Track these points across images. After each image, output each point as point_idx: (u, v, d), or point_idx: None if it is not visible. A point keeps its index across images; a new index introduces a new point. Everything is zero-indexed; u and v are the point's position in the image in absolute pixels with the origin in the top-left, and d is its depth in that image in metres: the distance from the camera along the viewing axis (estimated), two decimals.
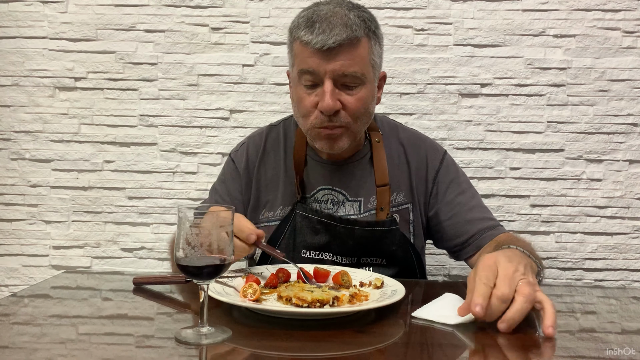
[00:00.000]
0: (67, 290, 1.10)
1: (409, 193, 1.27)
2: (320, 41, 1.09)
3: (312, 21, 1.12)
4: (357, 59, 1.12)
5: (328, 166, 1.27)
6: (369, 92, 1.16)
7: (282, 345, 0.79)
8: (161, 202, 1.84)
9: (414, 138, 1.33)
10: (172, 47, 1.81)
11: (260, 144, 1.33)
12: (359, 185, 1.26)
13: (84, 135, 1.84)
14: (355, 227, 1.20)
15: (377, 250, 1.22)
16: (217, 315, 0.90)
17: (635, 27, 1.74)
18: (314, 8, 1.15)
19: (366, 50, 1.14)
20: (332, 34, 1.09)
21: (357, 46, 1.12)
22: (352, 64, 1.12)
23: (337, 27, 1.10)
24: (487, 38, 1.77)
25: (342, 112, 1.14)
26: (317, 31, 1.10)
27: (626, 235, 1.77)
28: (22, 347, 0.77)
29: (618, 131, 1.76)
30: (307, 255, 1.23)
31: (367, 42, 1.14)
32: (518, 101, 1.77)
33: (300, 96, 1.16)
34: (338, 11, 1.12)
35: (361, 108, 1.15)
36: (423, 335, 0.86)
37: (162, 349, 0.78)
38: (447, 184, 1.28)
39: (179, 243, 0.80)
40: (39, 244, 1.86)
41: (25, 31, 1.82)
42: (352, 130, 1.17)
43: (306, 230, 1.22)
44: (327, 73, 1.11)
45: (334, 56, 1.10)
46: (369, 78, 1.16)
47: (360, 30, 1.12)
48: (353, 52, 1.12)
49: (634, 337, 0.87)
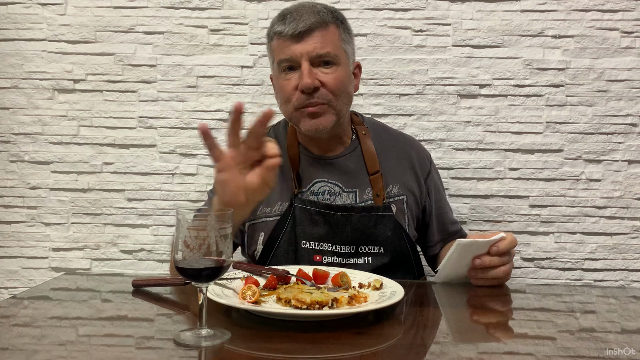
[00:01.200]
0: (67, 292, 1.10)
1: (404, 186, 1.33)
2: (292, 27, 1.20)
3: (283, 14, 1.24)
4: (328, 41, 1.22)
5: (321, 161, 1.32)
6: (345, 73, 1.25)
7: (281, 347, 0.79)
8: (160, 203, 1.84)
9: (404, 137, 1.44)
10: (171, 48, 1.81)
11: None
12: (353, 177, 1.32)
13: (83, 137, 1.84)
14: (352, 214, 1.25)
15: (374, 237, 1.26)
16: (216, 317, 0.90)
17: (634, 28, 1.74)
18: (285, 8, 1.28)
19: (336, 36, 1.24)
20: (302, 20, 1.20)
21: (327, 29, 1.23)
22: (324, 45, 1.21)
23: (306, 14, 1.22)
24: (486, 39, 1.77)
25: (322, 90, 1.22)
26: (288, 20, 1.21)
27: (625, 235, 1.77)
28: (22, 349, 0.77)
29: (617, 131, 1.76)
30: (306, 246, 1.25)
31: (335, 29, 1.25)
32: (517, 102, 1.77)
33: (282, 84, 1.25)
34: (306, 4, 1.26)
35: (339, 85, 1.23)
36: (422, 337, 0.87)
37: (162, 351, 0.79)
38: (434, 187, 1.40)
39: (178, 245, 0.80)
40: (38, 246, 1.86)
41: (24, 33, 1.82)
42: (334, 107, 1.24)
43: (305, 221, 1.26)
44: (302, 55, 1.20)
45: (306, 39, 1.20)
46: (342, 60, 1.25)
47: (327, 16, 1.23)
48: (324, 34, 1.22)
49: (634, 336, 0.88)
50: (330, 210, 1.25)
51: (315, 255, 1.25)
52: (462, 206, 1.78)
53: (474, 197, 1.79)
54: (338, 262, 1.24)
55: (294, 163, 1.31)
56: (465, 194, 1.79)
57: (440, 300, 1.09)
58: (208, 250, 0.79)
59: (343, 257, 1.25)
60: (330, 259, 1.25)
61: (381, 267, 1.25)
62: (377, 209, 1.27)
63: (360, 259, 1.26)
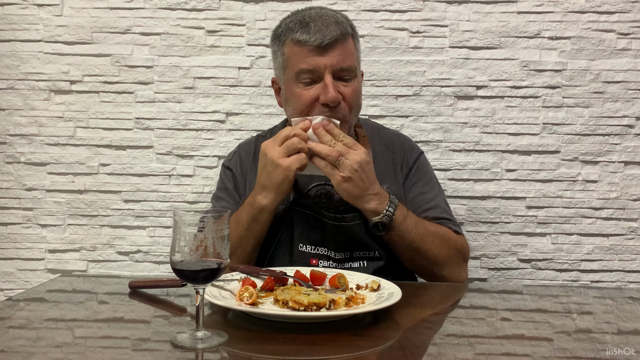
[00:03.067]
0: (63, 293, 1.09)
1: (393, 184, 1.33)
2: (318, 38, 1.17)
3: (306, 22, 1.19)
4: (349, 53, 1.22)
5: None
6: (359, 85, 1.27)
7: (278, 349, 0.79)
8: (157, 205, 1.83)
9: (396, 136, 1.44)
10: (167, 50, 1.81)
11: (250, 150, 1.39)
12: None
13: (79, 139, 1.83)
14: (342, 224, 1.25)
15: (367, 242, 1.26)
16: (214, 319, 0.90)
17: (630, 29, 1.75)
18: (302, 12, 1.24)
19: (353, 47, 1.25)
20: (328, 31, 1.17)
21: (349, 42, 1.22)
22: (346, 59, 1.21)
23: (332, 25, 1.19)
24: (483, 40, 1.77)
25: (342, 103, 1.21)
26: (312, 30, 1.18)
27: (622, 236, 1.78)
28: (18, 351, 0.77)
29: (613, 133, 1.76)
30: (303, 249, 1.26)
31: (352, 40, 1.25)
32: (513, 103, 1.78)
33: (299, 93, 1.22)
34: (326, 12, 1.23)
35: (356, 98, 1.25)
36: (419, 338, 0.87)
37: (158, 353, 0.78)
38: (414, 181, 1.36)
39: (175, 247, 0.80)
40: (34, 248, 1.85)
41: (20, 34, 1.81)
42: (347, 122, 1.25)
43: (303, 225, 1.26)
44: (326, 68, 1.18)
45: (331, 51, 1.18)
46: (358, 73, 1.26)
47: (347, 28, 1.22)
48: (346, 47, 1.21)
49: (630, 337, 0.88)
50: (323, 218, 1.26)
51: (312, 259, 1.25)
52: (459, 207, 1.78)
53: (471, 198, 1.79)
54: (334, 266, 1.24)
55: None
56: (462, 195, 1.79)
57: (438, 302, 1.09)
58: (205, 252, 0.79)
59: (338, 262, 1.25)
60: (326, 263, 1.25)
61: (377, 270, 1.24)
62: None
63: (356, 263, 1.26)
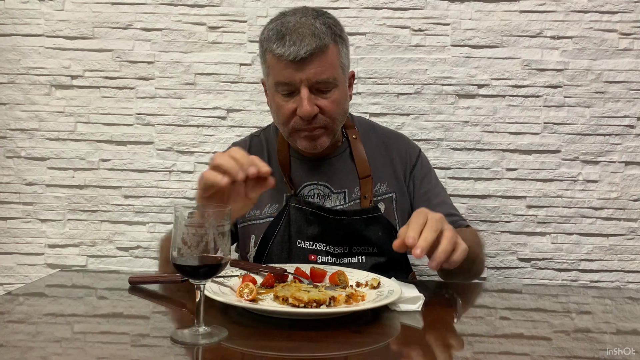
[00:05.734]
0: (63, 288, 1.09)
1: (393, 182, 1.33)
2: (292, 53, 1.15)
3: (282, 34, 1.17)
4: (327, 65, 1.19)
5: (311, 163, 1.33)
6: (341, 94, 1.24)
7: (278, 345, 0.79)
8: (157, 201, 1.83)
9: (393, 134, 1.43)
10: (169, 45, 1.80)
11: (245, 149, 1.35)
12: (342, 178, 1.32)
13: (80, 134, 1.83)
14: (343, 218, 1.25)
15: (366, 238, 1.27)
16: (214, 315, 0.90)
17: (632, 29, 1.74)
18: (281, 20, 1.21)
19: (335, 56, 1.20)
20: (302, 45, 1.15)
21: (327, 53, 1.18)
22: (324, 71, 1.18)
23: (307, 38, 1.16)
24: (485, 39, 1.77)
25: (320, 115, 1.21)
26: (287, 43, 1.16)
27: (622, 236, 1.78)
28: (16, 345, 0.77)
29: (614, 133, 1.76)
30: (302, 245, 1.26)
31: (334, 47, 1.20)
32: (515, 102, 1.78)
33: (279, 104, 1.23)
34: (305, 21, 1.18)
35: (337, 109, 1.23)
36: (419, 336, 0.87)
37: (158, 348, 0.78)
38: (420, 179, 1.36)
39: (176, 242, 0.80)
40: (34, 243, 1.85)
41: (21, 29, 1.81)
42: (330, 129, 1.24)
43: (301, 221, 1.26)
44: (302, 82, 1.17)
45: (306, 65, 1.16)
46: (340, 80, 1.22)
47: (327, 37, 1.18)
48: (323, 59, 1.18)
49: (629, 337, 0.88)
50: (322, 212, 1.26)
51: (310, 255, 1.25)
52: (459, 206, 1.77)
53: (471, 197, 1.79)
54: (332, 261, 1.25)
55: (285, 167, 1.31)
56: (463, 194, 1.79)
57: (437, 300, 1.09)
58: (206, 248, 0.79)
59: (337, 257, 1.26)
60: (324, 258, 1.25)
61: (376, 266, 1.25)
62: (367, 211, 1.27)
63: (355, 258, 1.27)
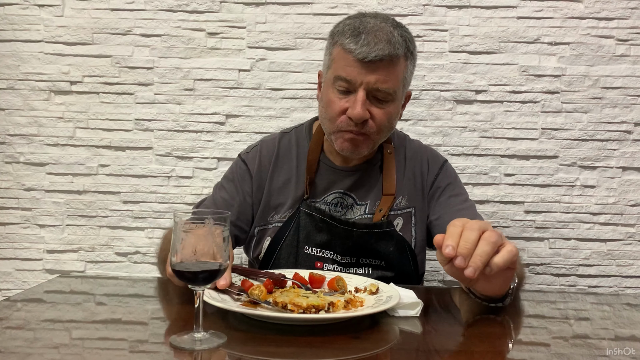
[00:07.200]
0: (61, 294, 1.09)
1: (413, 196, 1.30)
2: (363, 52, 1.12)
3: (359, 31, 1.15)
4: (393, 76, 1.16)
5: (340, 172, 1.30)
6: (395, 109, 1.21)
7: (277, 351, 0.79)
8: (156, 206, 1.83)
9: (418, 147, 1.39)
10: (168, 51, 1.81)
11: (273, 150, 1.33)
12: (367, 190, 1.29)
13: (79, 139, 1.83)
14: (353, 229, 1.23)
15: (375, 251, 1.24)
16: (212, 320, 0.90)
17: (629, 35, 1.75)
18: (360, 19, 1.18)
19: (402, 69, 1.18)
20: (375, 48, 1.12)
21: (396, 64, 1.15)
22: (387, 80, 1.15)
23: (382, 42, 1.13)
24: (482, 45, 1.78)
25: (369, 122, 1.17)
26: (362, 42, 1.13)
27: (619, 241, 1.78)
28: (14, 351, 0.76)
29: (612, 138, 1.77)
30: (309, 252, 1.25)
31: (404, 61, 1.17)
32: (512, 108, 1.78)
33: (331, 99, 1.19)
34: (384, 27, 1.15)
35: (386, 122, 1.19)
36: (418, 341, 0.87)
37: (156, 354, 0.78)
38: (442, 188, 1.32)
39: (175, 248, 0.80)
40: (32, 248, 1.85)
41: (21, 34, 1.82)
42: (373, 140, 1.21)
43: (310, 227, 1.24)
44: (362, 84, 1.15)
45: (372, 69, 1.13)
46: (398, 96, 1.20)
47: (401, 49, 1.15)
48: (391, 69, 1.15)
49: (627, 343, 0.88)
50: (332, 221, 1.24)
51: (317, 262, 1.24)
52: None
53: None
54: (339, 270, 1.23)
55: (311, 169, 1.28)
56: None
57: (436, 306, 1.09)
58: (205, 254, 0.79)
59: (344, 266, 1.24)
60: (331, 266, 1.24)
61: (381, 279, 1.23)
62: (379, 226, 1.24)
63: (361, 269, 1.25)
